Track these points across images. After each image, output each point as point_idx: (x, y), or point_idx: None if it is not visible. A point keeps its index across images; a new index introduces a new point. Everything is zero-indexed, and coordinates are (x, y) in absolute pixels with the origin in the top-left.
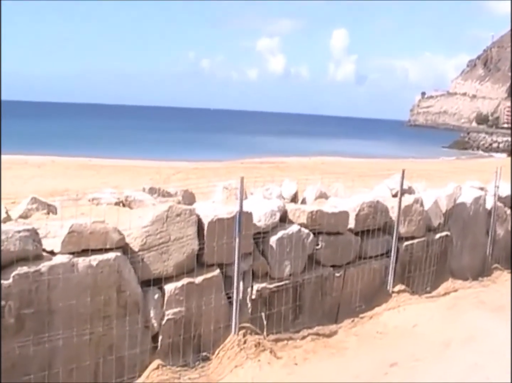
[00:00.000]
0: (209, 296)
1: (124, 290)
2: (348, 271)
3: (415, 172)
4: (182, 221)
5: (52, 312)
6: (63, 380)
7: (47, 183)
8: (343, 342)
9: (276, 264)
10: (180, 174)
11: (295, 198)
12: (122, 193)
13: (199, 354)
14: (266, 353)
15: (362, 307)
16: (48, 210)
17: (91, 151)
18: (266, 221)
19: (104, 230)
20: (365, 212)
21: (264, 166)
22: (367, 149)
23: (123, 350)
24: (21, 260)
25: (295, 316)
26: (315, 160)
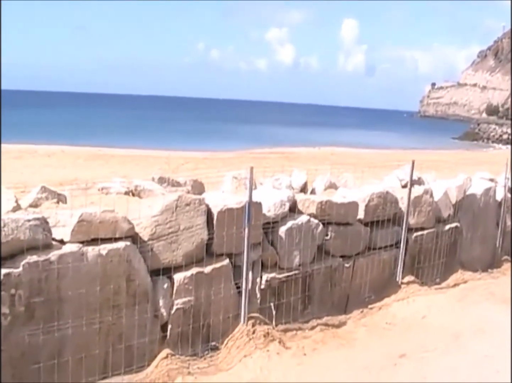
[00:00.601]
0: (218, 286)
1: (134, 279)
2: (358, 262)
3: (425, 163)
4: (191, 210)
5: (61, 301)
6: (73, 369)
7: (57, 172)
8: (352, 333)
9: (285, 254)
10: (189, 163)
11: (305, 189)
12: (131, 182)
13: (208, 344)
14: (275, 343)
15: (371, 298)
16: (58, 199)
17: (100, 141)
18: (275, 211)
19: (114, 219)
20: (375, 202)
21: (273, 156)
22: (376, 139)
23: (132, 339)
24: (31, 249)
25: (304, 307)
26: (324, 151)
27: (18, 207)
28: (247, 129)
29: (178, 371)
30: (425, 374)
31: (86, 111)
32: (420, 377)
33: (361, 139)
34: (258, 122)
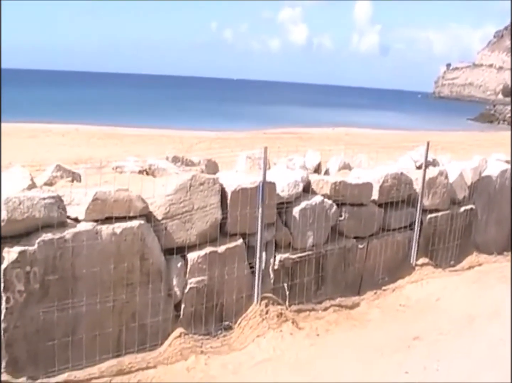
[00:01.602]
0: (232, 266)
1: (147, 258)
2: (371, 243)
3: (440, 144)
4: (205, 190)
5: (76, 278)
6: (86, 347)
7: (71, 151)
8: (366, 314)
9: (299, 235)
10: (202, 143)
11: (319, 169)
12: (145, 161)
13: (221, 323)
14: (288, 324)
15: (385, 280)
16: (72, 178)
17: (114, 120)
18: (289, 191)
19: (128, 198)
20: (389, 183)
21: (287, 136)
22: (391, 120)
23: (146, 318)
24: (46, 227)
25: (317, 287)
26: (338, 131)
27: (33, 185)
28: (261, 109)
29: (191, 350)
30: (438, 357)
31: (98, 90)
32: (433, 360)
33: (375, 119)
34: (271, 102)
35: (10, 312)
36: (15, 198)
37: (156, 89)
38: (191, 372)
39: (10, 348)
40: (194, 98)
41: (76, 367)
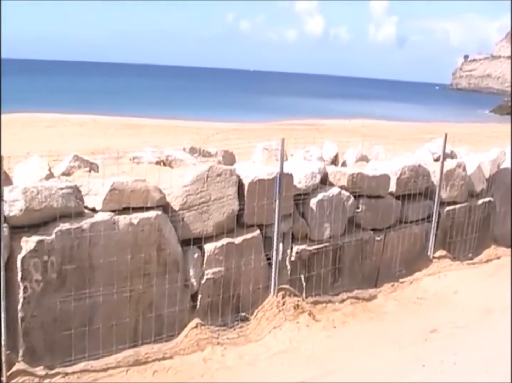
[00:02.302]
0: (249, 257)
1: (164, 248)
2: (389, 235)
3: (457, 136)
4: (222, 181)
5: (93, 268)
6: (103, 336)
7: (89, 141)
8: (383, 307)
9: (316, 226)
10: (219, 134)
11: (336, 161)
12: (162, 152)
13: (238, 315)
14: (305, 316)
15: (402, 272)
16: (90, 168)
17: (131, 111)
18: (306, 183)
19: (145, 189)
20: (407, 175)
21: (303, 128)
22: (408, 112)
23: (163, 308)
24: (63, 217)
25: (334, 279)
26: (355, 123)
27: (51, 175)
28: (277, 100)
29: (207, 341)
30: (456, 350)
31: (116, 81)
32: (450, 353)
33: (392, 111)
34: (287, 94)
35: (28, 301)
36: (33, 188)
37: (173, 80)
38: (207, 363)
39: (27, 337)
40: (210, 90)
41: (92, 356)
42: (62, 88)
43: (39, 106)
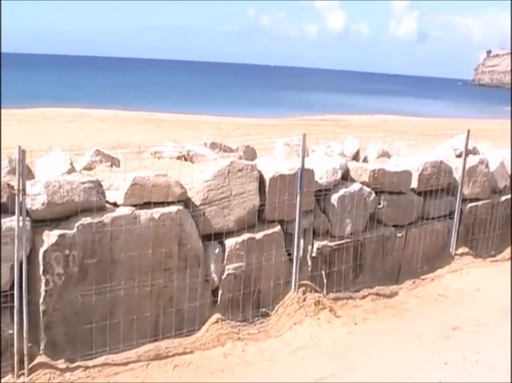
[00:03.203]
0: (270, 252)
1: (185, 243)
2: (410, 231)
3: (480, 132)
4: (243, 176)
5: (114, 262)
6: (124, 330)
7: (110, 136)
8: (404, 303)
9: (337, 222)
10: (240, 129)
11: (357, 156)
12: (183, 147)
13: (258, 310)
14: (326, 312)
15: (424, 269)
16: (111, 163)
17: (152, 106)
18: (327, 178)
19: (166, 184)
20: (428, 172)
21: (324, 123)
22: (429, 108)
23: (183, 303)
24: (85, 211)
25: (355, 275)
26: (376, 118)
27: (72, 169)
28: (298, 96)
29: (228, 336)
30: (477, 347)
31: (137, 76)
32: (472, 351)
33: (413, 107)
34: (308, 89)
35: (49, 294)
36: (55, 182)
37: (193, 75)
38: (228, 358)
39: (49, 331)
40: (231, 85)
41: (113, 350)
42: (83, 83)
43: (60, 101)
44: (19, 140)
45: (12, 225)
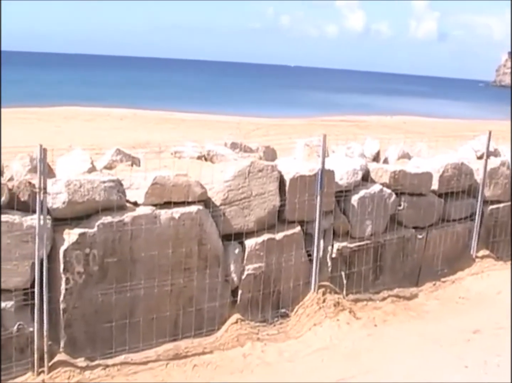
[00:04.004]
0: (289, 253)
1: (205, 243)
2: (431, 233)
3: (501, 134)
4: (264, 176)
5: (134, 261)
6: (144, 329)
7: (129, 135)
8: (424, 306)
9: (357, 223)
10: (260, 130)
11: (377, 157)
12: (204, 147)
13: (278, 311)
14: (345, 313)
15: (444, 271)
16: (131, 162)
17: (171, 105)
18: (348, 179)
19: (187, 183)
20: (449, 173)
21: (344, 124)
22: (450, 109)
23: (203, 303)
24: (105, 210)
25: (375, 277)
26: (396, 119)
27: (93, 168)
28: (317, 96)
29: (247, 337)
30: (499, 351)
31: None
32: (494, 354)
33: (434, 108)
34: (327, 89)
35: (70, 293)
36: (76, 181)
37: (212, 75)
38: (247, 359)
39: (69, 329)
40: (251, 85)
41: (133, 349)
42: (102, 81)
43: (79, 100)
44: (39, 139)
45: (33, 223)
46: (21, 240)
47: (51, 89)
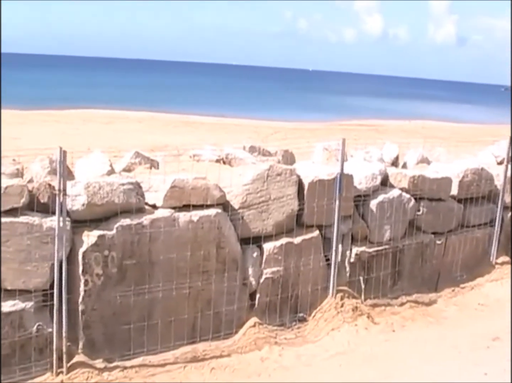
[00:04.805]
0: (308, 257)
1: (224, 246)
2: (450, 239)
3: None
4: (282, 180)
5: (152, 264)
6: (162, 332)
7: (147, 138)
8: (443, 312)
9: (376, 228)
10: (278, 133)
11: (396, 162)
12: (222, 150)
13: (296, 315)
14: (363, 318)
15: (463, 277)
16: (150, 165)
17: (189, 108)
18: (367, 184)
19: (205, 187)
20: (469, 179)
21: (362, 128)
22: (469, 114)
23: (221, 306)
24: (124, 212)
25: (393, 282)
26: (415, 124)
27: (112, 171)
28: (336, 100)
29: (265, 340)
30: None
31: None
32: None
33: (453, 112)
34: (346, 94)
35: (88, 294)
36: (95, 183)
37: (230, 79)
38: (264, 362)
39: (87, 330)
40: (269, 89)
41: (151, 351)
42: (121, 85)
43: (98, 102)
44: (58, 141)
45: (53, 225)
46: (41, 241)
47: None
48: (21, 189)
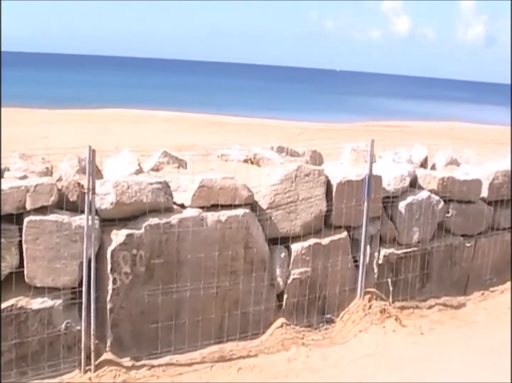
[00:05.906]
0: (336, 258)
1: (252, 246)
2: (479, 241)
3: None
4: (310, 181)
5: (180, 263)
6: (189, 331)
7: (175, 137)
8: (472, 315)
9: (404, 230)
10: (305, 134)
11: (425, 164)
12: (250, 150)
13: (323, 316)
14: (391, 320)
15: (493, 281)
16: (178, 164)
17: (216, 108)
18: (395, 185)
19: (234, 186)
20: (499, 181)
21: (389, 129)
22: (498, 115)
23: (248, 306)
24: (152, 211)
25: (422, 285)
26: (443, 125)
27: (140, 170)
28: (363, 101)
29: (292, 341)
30: None
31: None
32: None
33: (481, 114)
34: (373, 94)
35: (116, 293)
36: (124, 182)
37: (257, 79)
38: (292, 363)
39: (115, 328)
40: (296, 89)
41: (178, 350)
42: (150, 84)
43: (125, 102)
44: (87, 140)
45: (82, 223)
46: (70, 239)
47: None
48: (51, 187)
